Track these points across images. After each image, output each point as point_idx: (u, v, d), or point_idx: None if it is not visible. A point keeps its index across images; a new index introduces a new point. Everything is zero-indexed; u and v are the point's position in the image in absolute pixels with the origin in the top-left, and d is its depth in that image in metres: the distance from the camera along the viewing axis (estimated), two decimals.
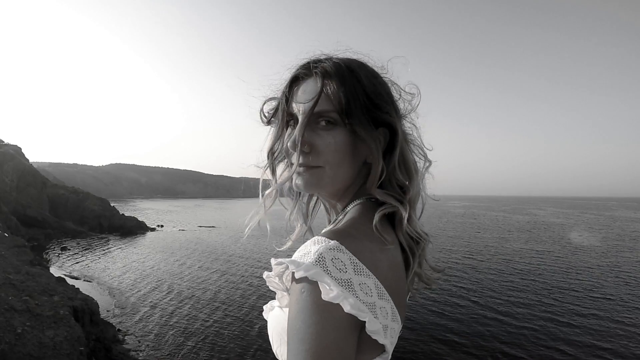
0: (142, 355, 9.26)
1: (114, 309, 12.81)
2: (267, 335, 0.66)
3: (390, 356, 0.57)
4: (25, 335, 6.09)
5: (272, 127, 0.68)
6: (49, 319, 6.86)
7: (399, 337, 0.64)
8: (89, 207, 35.26)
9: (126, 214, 38.87)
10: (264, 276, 0.63)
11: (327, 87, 0.59)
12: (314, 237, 0.54)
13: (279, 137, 0.67)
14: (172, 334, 10.51)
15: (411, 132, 0.67)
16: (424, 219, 0.68)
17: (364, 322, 0.50)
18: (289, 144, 0.61)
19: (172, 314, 12.22)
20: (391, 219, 0.63)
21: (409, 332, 10.06)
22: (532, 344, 9.71)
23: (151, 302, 13.54)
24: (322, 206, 0.76)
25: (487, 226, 41.16)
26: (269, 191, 0.69)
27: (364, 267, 0.51)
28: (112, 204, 38.32)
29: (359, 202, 0.63)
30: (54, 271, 15.75)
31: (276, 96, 0.67)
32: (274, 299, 0.66)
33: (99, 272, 18.48)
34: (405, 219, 0.60)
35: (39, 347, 5.97)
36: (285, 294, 0.62)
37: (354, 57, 0.65)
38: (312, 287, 0.49)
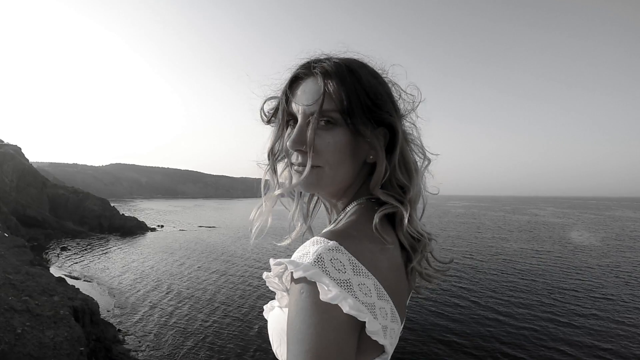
0: (142, 355, 9.26)
1: (114, 309, 12.81)
2: (267, 335, 0.66)
3: (389, 357, 0.57)
4: (25, 335, 6.09)
5: (272, 127, 0.68)
6: (49, 319, 6.86)
7: (399, 337, 0.64)
8: (89, 207, 35.26)
9: (126, 214, 38.90)
10: (264, 276, 0.62)
11: (327, 87, 0.59)
12: (313, 237, 0.54)
13: (279, 136, 0.67)
14: (172, 334, 10.51)
15: (411, 132, 0.67)
16: (424, 218, 0.68)
17: (364, 322, 0.49)
18: (288, 143, 0.61)
19: (172, 314, 12.22)
20: (392, 219, 0.63)
21: (409, 332, 10.06)
22: (532, 345, 9.71)
23: (151, 302, 13.54)
24: (323, 206, 0.76)
25: (487, 226, 41.16)
26: (271, 194, 0.68)
27: (363, 268, 0.51)
28: (112, 204, 38.31)
29: (359, 202, 0.63)
30: (54, 271, 15.75)
31: (277, 95, 0.67)
32: (274, 299, 0.66)
33: (99, 272, 18.48)
34: (405, 219, 0.60)
35: (39, 347, 5.97)
36: (285, 294, 0.62)
37: (355, 57, 0.65)
38: (311, 288, 0.49)
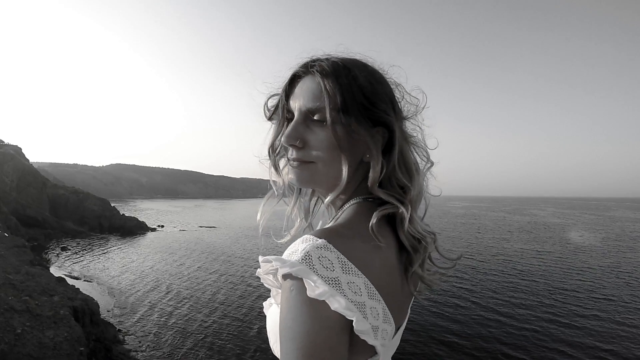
0: (142, 355, 9.25)
1: (114, 309, 12.80)
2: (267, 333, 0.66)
3: (382, 358, 0.56)
4: (25, 335, 6.08)
5: (273, 124, 0.70)
6: (49, 319, 6.85)
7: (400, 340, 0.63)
8: (89, 207, 35.27)
9: (126, 214, 38.88)
10: (257, 274, 0.62)
11: (323, 84, 0.60)
12: (304, 235, 0.54)
13: (279, 133, 0.68)
14: (172, 334, 10.51)
15: (415, 135, 0.67)
16: (424, 219, 0.68)
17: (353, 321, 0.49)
18: (282, 138, 0.63)
19: (172, 314, 12.21)
20: (392, 220, 0.62)
21: (409, 333, 10.05)
22: (532, 345, 9.69)
23: (151, 302, 13.53)
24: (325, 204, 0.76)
25: (488, 226, 41.13)
26: (271, 191, 0.71)
27: (353, 266, 0.51)
28: (112, 204, 38.28)
29: (356, 201, 0.63)
30: (54, 271, 15.73)
31: (279, 93, 0.69)
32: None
33: (99, 272, 18.47)
34: (406, 220, 0.59)
35: (38, 347, 5.96)
36: (279, 291, 0.61)
37: (357, 57, 0.66)
38: (300, 285, 0.49)
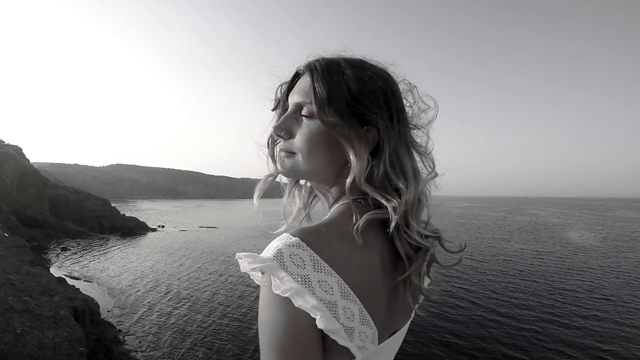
0: (142, 355, 9.25)
1: (114, 309, 12.80)
2: None
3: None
4: (25, 335, 6.08)
5: (275, 115, 0.72)
6: (49, 319, 6.85)
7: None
8: (89, 208, 35.28)
9: (127, 215, 38.89)
10: (241, 269, 0.61)
11: (312, 81, 0.62)
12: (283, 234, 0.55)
13: None
14: (172, 334, 10.51)
15: (422, 144, 0.66)
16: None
17: None
18: (271, 128, 0.67)
19: (171, 314, 12.21)
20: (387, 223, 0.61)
21: (409, 333, 10.01)
22: (533, 346, 9.68)
23: (151, 302, 13.53)
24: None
25: (488, 227, 41.11)
26: (264, 178, 0.73)
27: (326, 265, 0.51)
28: (112, 205, 38.29)
29: (346, 201, 0.62)
30: (54, 271, 15.74)
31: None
32: None
33: (99, 273, 18.47)
34: (393, 222, 0.58)
35: (38, 347, 5.96)
36: None
37: (368, 58, 0.66)
38: (270, 281, 0.50)
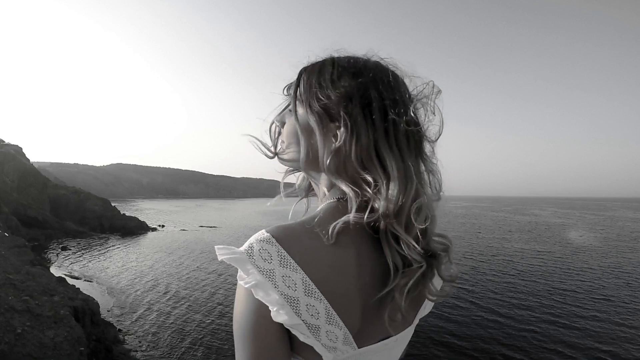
0: (142, 355, 9.26)
1: (114, 308, 12.81)
2: None
3: None
4: (25, 335, 6.08)
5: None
6: (49, 319, 6.85)
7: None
8: (89, 208, 35.30)
9: (127, 214, 38.89)
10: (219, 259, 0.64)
11: (297, 79, 0.67)
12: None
13: None
14: (172, 334, 10.51)
15: (434, 162, 0.65)
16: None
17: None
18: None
19: (172, 314, 12.21)
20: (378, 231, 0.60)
21: None
22: (533, 346, 9.67)
23: (151, 301, 13.54)
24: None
25: (488, 226, 41.08)
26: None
27: (292, 262, 0.52)
28: (113, 204, 38.30)
29: (333, 199, 0.62)
30: (55, 271, 15.74)
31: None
32: None
33: (99, 272, 18.48)
34: (354, 209, 0.56)
35: (39, 347, 5.96)
36: None
37: (371, 59, 0.66)
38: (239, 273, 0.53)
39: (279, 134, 0.71)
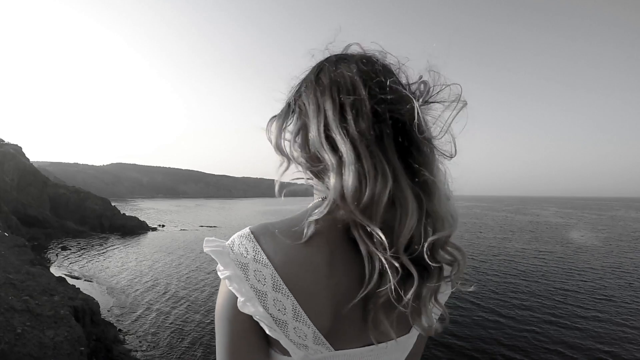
0: (142, 355, 9.25)
1: (114, 308, 12.80)
2: None
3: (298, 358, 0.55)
4: (25, 335, 6.06)
5: None
6: (49, 319, 6.84)
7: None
8: (89, 207, 35.30)
9: (127, 214, 38.93)
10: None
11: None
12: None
13: None
14: (172, 334, 10.50)
15: (443, 169, 0.57)
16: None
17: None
18: None
19: (172, 313, 12.20)
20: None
21: None
22: (534, 347, 9.65)
23: (151, 301, 13.53)
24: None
25: (489, 226, 41.03)
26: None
27: (264, 257, 0.54)
28: (113, 204, 38.34)
29: (316, 201, 0.60)
30: (55, 271, 15.73)
31: None
32: None
33: (99, 272, 18.48)
34: (318, 212, 0.53)
35: (39, 347, 5.95)
36: None
37: (369, 52, 0.62)
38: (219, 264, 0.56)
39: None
